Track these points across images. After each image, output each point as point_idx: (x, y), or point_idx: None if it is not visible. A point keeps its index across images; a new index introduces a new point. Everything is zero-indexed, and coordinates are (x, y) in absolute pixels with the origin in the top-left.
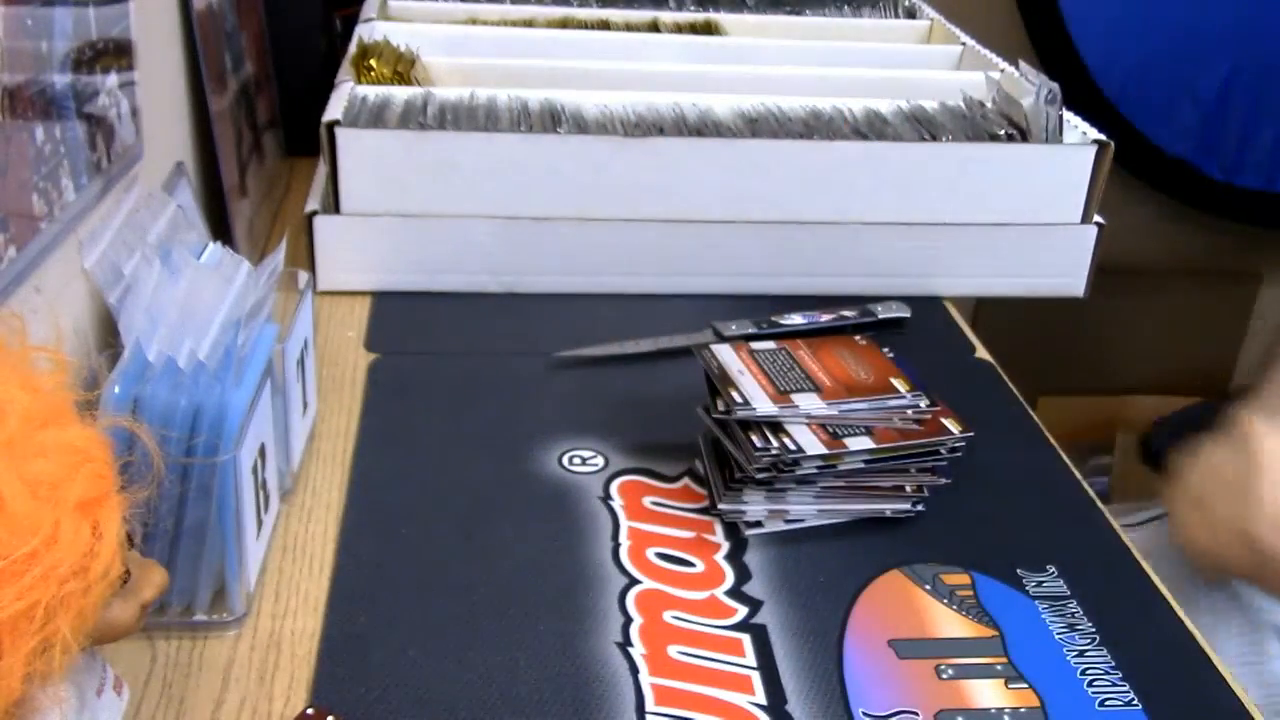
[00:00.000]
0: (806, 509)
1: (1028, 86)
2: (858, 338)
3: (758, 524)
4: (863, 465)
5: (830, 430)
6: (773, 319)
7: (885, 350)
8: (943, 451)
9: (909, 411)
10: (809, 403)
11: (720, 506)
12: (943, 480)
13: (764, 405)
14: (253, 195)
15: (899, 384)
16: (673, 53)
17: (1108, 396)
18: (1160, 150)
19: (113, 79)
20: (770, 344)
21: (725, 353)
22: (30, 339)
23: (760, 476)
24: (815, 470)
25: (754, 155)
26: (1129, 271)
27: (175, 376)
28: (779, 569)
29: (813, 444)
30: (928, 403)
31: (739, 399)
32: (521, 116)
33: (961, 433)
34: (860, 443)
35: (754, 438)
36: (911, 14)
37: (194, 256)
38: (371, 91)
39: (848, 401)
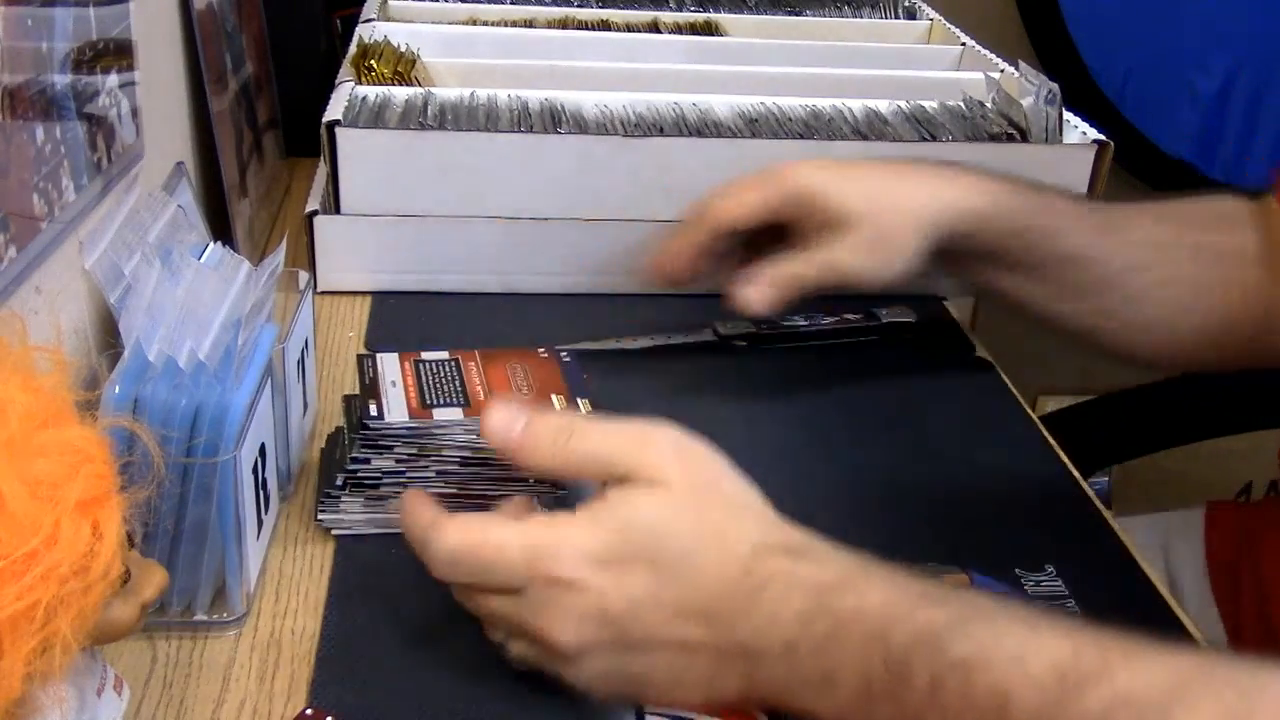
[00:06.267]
0: None
1: (1028, 86)
2: (541, 350)
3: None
4: (465, 472)
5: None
6: (773, 319)
7: (564, 357)
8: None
9: None
10: (450, 416)
11: (320, 517)
12: (561, 491)
13: (399, 416)
14: (253, 195)
15: (556, 400)
16: (673, 53)
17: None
18: (1160, 150)
19: (113, 79)
20: (443, 354)
21: (388, 362)
22: (30, 339)
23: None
24: (407, 478)
25: (754, 155)
26: None
27: (175, 376)
28: None
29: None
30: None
31: (374, 411)
32: (521, 116)
33: None
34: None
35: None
36: (911, 14)
37: (194, 256)
38: (371, 91)
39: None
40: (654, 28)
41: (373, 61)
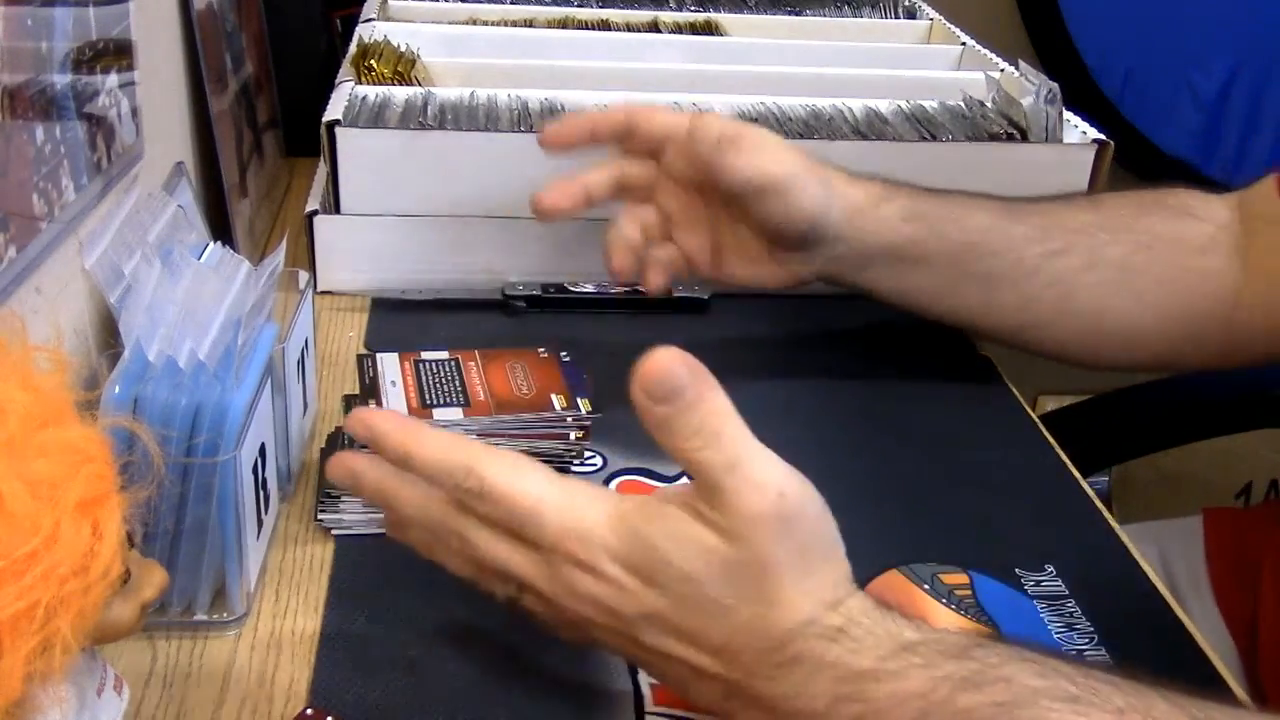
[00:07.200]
0: None
1: (1028, 86)
2: (541, 350)
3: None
4: None
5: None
6: (562, 284)
7: (564, 357)
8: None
9: (556, 426)
10: (450, 416)
11: (320, 517)
12: None
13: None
14: (253, 195)
15: (556, 400)
16: (673, 52)
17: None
18: (1160, 150)
19: (113, 79)
20: (443, 354)
21: (388, 362)
22: (30, 339)
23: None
24: None
25: None
26: None
27: (175, 376)
28: None
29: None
30: (573, 419)
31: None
32: (521, 116)
33: (567, 446)
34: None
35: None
36: (911, 14)
37: (194, 256)
38: (371, 91)
39: (488, 418)
40: (654, 27)
41: (373, 61)
